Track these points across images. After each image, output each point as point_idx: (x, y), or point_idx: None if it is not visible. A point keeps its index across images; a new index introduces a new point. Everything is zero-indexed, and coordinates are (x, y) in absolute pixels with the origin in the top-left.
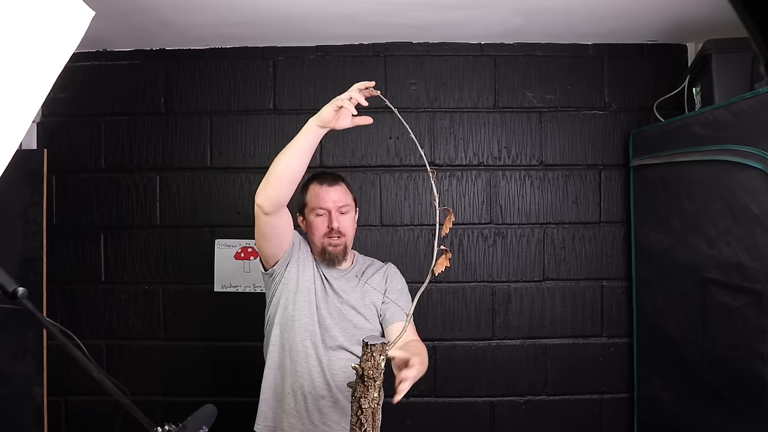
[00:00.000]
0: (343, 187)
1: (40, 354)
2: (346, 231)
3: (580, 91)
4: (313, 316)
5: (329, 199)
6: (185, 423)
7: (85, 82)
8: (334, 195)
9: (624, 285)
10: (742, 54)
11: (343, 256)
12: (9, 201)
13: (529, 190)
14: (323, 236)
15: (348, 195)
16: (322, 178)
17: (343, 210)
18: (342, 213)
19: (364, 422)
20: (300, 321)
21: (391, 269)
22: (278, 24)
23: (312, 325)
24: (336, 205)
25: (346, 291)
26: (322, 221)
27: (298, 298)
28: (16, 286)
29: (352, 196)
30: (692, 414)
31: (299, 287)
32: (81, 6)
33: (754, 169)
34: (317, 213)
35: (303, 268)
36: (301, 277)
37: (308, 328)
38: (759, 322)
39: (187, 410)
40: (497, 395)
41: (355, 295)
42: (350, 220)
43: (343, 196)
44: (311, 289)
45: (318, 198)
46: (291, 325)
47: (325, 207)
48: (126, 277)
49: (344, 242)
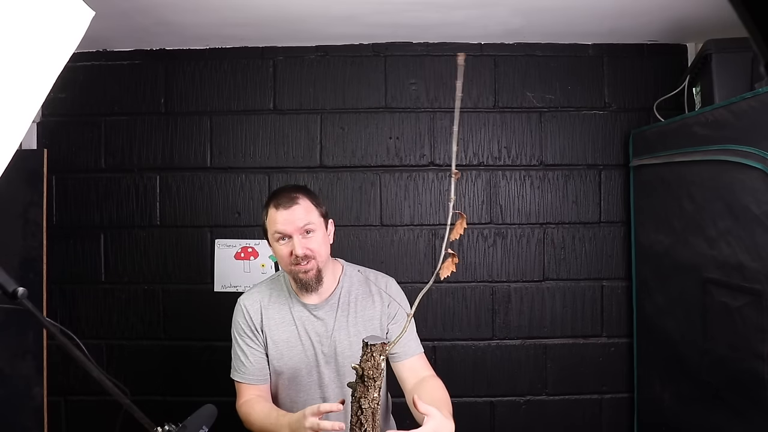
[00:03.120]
0: (302, 204)
1: (40, 354)
2: (315, 253)
3: (580, 91)
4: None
5: (287, 222)
6: (185, 423)
7: (85, 82)
8: (292, 216)
9: (624, 285)
10: (742, 54)
11: (317, 281)
12: (9, 201)
13: (529, 190)
14: (290, 264)
15: (311, 211)
16: (277, 200)
17: (308, 228)
18: (307, 233)
19: (364, 422)
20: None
21: (392, 288)
22: (279, 24)
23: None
24: (296, 227)
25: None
26: (284, 248)
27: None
28: (16, 286)
29: (319, 210)
30: (692, 414)
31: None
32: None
33: (754, 169)
34: (277, 239)
35: (277, 330)
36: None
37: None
38: (759, 322)
39: (187, 410)
40: (497, 395)
41: (343, 331)
42: (318, 238)
43: (304, 214)
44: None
45: (275, 223)
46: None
47: (284, 232)
48: (126, 277)
49: (315, 266)
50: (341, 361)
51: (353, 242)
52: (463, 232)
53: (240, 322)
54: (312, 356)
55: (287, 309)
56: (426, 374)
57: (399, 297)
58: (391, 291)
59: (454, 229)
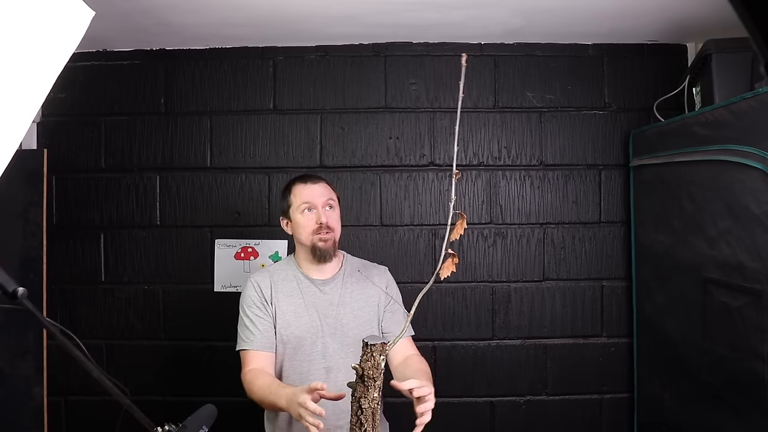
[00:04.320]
0: (325, 184)
1: (40, 354)
2: (335, 225)
3: (580, 91)
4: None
5: (314, 194)
6: (185, 423)
7: (85, 82)
8: (319, 190)
9: (624, 285)
10: (742, 54)
11: (333, 252)
12: (9, 201)
13: (529, 190)
14: (312, 233)
15: (332, 191)
16: (304, 177)
17: (330, 203)
18: (329, 207)
19: (364, 422)
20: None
21: (388, 274)
22: (279, 24)
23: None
24: (322, 200)
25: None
26: (309, 218)
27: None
28: (16, 286)
29: (336, 194)
30: (692, 414)
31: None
32: (81, 6)
33: (754, 169)
34: (303, 210)
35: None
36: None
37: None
38: (759, 322)
39: (187, 410)
40: (497, 395)
41: (351, 296)
42: (337, 215)
43: (328, 191)
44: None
45: (302, 195)
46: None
47: (311, 202)
48: (126, 277)
49: (333, 237)
50: (346, 332)
51: (353, 242)
52: (463, 232)
53: (251, 295)
54: (317, 327)
55: (295, 284)
56: (411, 353)
57: (393, 283)
58: (388, 276)
59: (454, 229)
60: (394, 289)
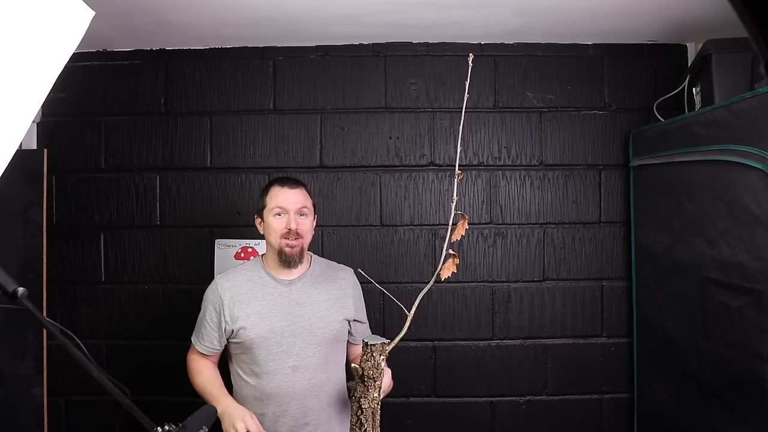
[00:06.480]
0: (303, 191)
1: (40, 354)
2: (304, 233)
3: (580, 91)
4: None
5: (288, 200)
6: (185, 423)
7: (85, 82)
8: (293, 197)
9: (624, 285)
10: (742, 54)
11: (300, 258)
12: (9, 201)
13: (529, 190)
14: (281, 237)
15: (308, 199)
16: (282, 181)
17: (303, 212)
18: (301, 215)
19: (364, 422)
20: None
21: (354, 276)
22: (278, 24)
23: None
24: (295, 207)
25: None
26: (280, 222)
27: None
28: (16, 286)
29: (313, 202)
30: (692, 414)
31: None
32: (81, 6)
33: (754, 169)
34: (276, 213)
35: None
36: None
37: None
38: (759, 322)
39: (187, 410)
40: (497, 395)
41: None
42: (309, 222)
43: (303, 199)
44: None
45: (277, 199)
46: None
47: (284, 207)
48: (126, 277)
49: (301, 244)
50: (313, 331)
51: (353, 242)
52: (464, 232)
53: (209, 296)
54: (283, 327)
55: (260, 285)
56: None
57: (358, 286)
58: (354, 279)
59: (456, 229)
60: (359, 292)
